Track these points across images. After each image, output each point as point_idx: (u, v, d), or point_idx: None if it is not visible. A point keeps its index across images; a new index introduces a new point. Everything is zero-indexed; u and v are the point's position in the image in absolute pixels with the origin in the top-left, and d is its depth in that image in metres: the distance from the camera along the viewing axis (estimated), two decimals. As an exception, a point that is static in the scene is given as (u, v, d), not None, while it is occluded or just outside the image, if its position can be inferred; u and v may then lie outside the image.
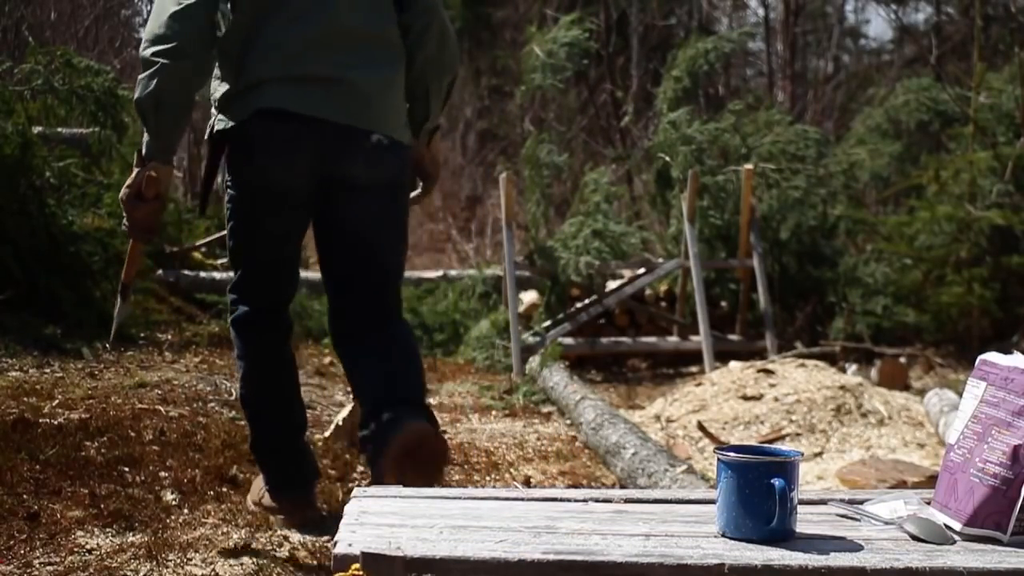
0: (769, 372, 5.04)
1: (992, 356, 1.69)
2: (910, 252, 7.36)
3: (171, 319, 6.14)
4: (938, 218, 7.14)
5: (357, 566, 1.44)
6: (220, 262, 6.93)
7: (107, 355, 5.08)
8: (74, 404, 4.01)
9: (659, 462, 3.60)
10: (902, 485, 3.62)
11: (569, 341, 6.45)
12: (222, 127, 2.78)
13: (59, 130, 6.14)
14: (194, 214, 7.35)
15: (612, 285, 6.94)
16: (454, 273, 7.89)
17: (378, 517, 1.63)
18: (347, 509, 1.68)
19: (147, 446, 3.58)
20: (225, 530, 2.94)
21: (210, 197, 3.11)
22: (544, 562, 1.45)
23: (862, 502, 1.74)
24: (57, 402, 4.00)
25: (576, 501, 1.77)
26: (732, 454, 1.58)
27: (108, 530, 2.87)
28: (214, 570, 2.66)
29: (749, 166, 6.76)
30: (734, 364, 5.43)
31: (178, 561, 2.70)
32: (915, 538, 1.58)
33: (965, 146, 7.49)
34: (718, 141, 7.33)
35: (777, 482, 1.52)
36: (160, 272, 6.64)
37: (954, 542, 1.57)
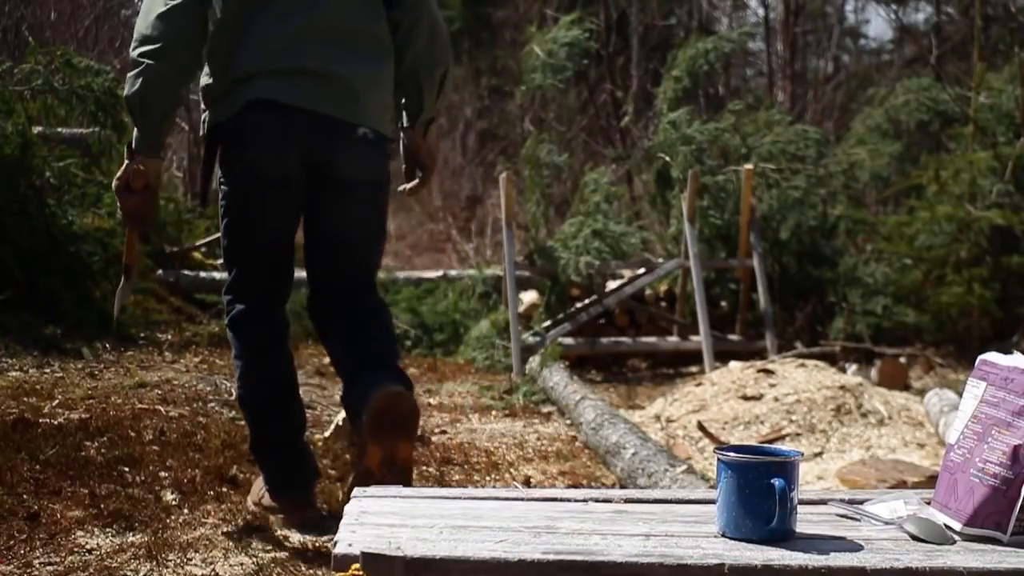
0: (769, 372, 5.04)
1: (992, 356, 1.69)
2: (910, 252, 7.36)
3: (171, 319, 6.14)
4: (938, 218, 7.13)
5: (357, 566, 1.44)
6: (220, 262, 6.92)
7: (107, 355, 5.09)
8: (74, 404, 4.01)
9: (659, 462, 3.60)
10: (902, 485, 3.62)
11: (569, 341, 6.45)
12: (214, 122, 2.84)
13: (59, 130, 6.14)
14: (194, 214, 7.36)
15: (612, 285, 6.94)
16: (454, 273, 7.89)
17: (378, 517, 1.63)
18: (347, 509, 1.68)
19: (147, 446, 3.59)
20: (225, 530, 2.94)
21: (210, 193, 3.18)
22: (544, 562, 1.45)
23: (862, 502, 1.74)
24: (57, 402, 4.00)
25: (576, 501, 1.77)
26: (732, 454, 1.58)
27: (108, 530, 2.88)
28: (214, 570, 2.66)
29: (749, 166, 6.76)
30: (734, 364, 5.43)
31: (178, 561, 2.70)
32: (915, 538, 1.58)
33: (965, 146, 7.48)
34: (718, 141, 7.32)
35: (777, 482, 1.52)
36: (160, 272, 6.65)
37: (954, 542, 1.57)
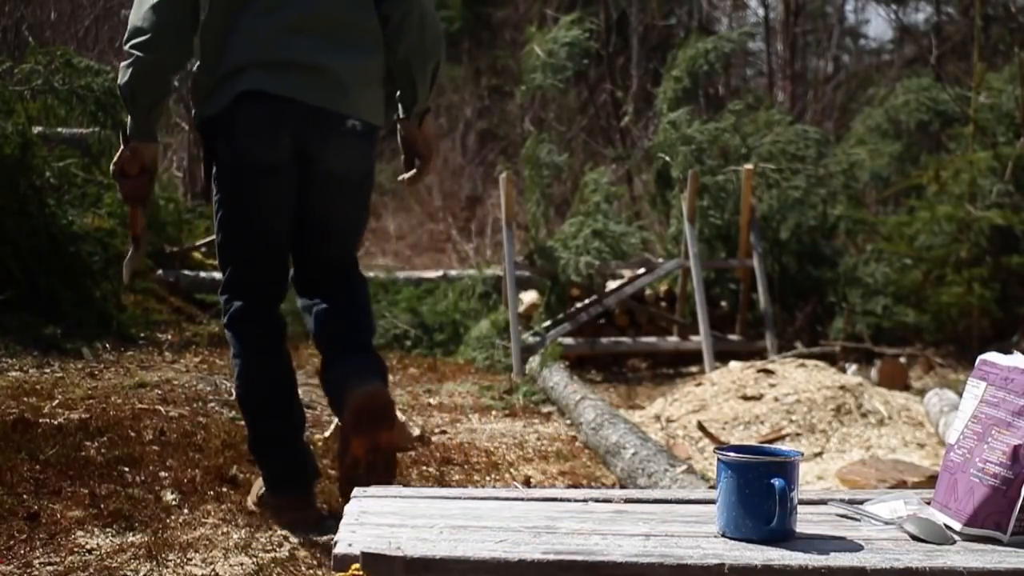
0: (769, 372, 5.04)
1: (992, 356, 1.69)
2: (910, 252, 7.35)
3: (171, 319, 6.15)
4: (938, 218, 7.13)
5: (357, 566, 1.44)
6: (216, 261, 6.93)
7: (107, 355, 5.09)
8: (74, 404, 4.01)
9: (659, 462, 3.60)
10: (902, 485, 3.62)
11: (569, 341, 6.45)
12: (206, 116, 2.89)
13: (59, 130, 6.14)
14: (194, 214, 7.37)
15: (612, 285, 6.94)
16: (454, 273, 7.89)
17: (378, 517, 1.63)
18: (347, 509, 1.68)
19: (147, 446, 3.59)
20: (225, 530, 2.94)
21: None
22: (544, 562, 1.45)
23: (862, 502, 1.74)
24: (57, 402, 4.00)
25: (576, 501, 1.77)
26: (732, 454, 1.58)
27: (108, 530, 2.88)
28: (214, 570, 2.66)
29: (749, 166, 6.76)
30: (734, 364, 5.43)
31: (178, 561, 2.70)
32: (915, 538, 1.58)
33: (965, 146, 7.48)
34: (718, 141, 7.32)
35: (777, 482, 1.52)
36: (160, 272, 6.65)
37: (954, 542, 1.57)
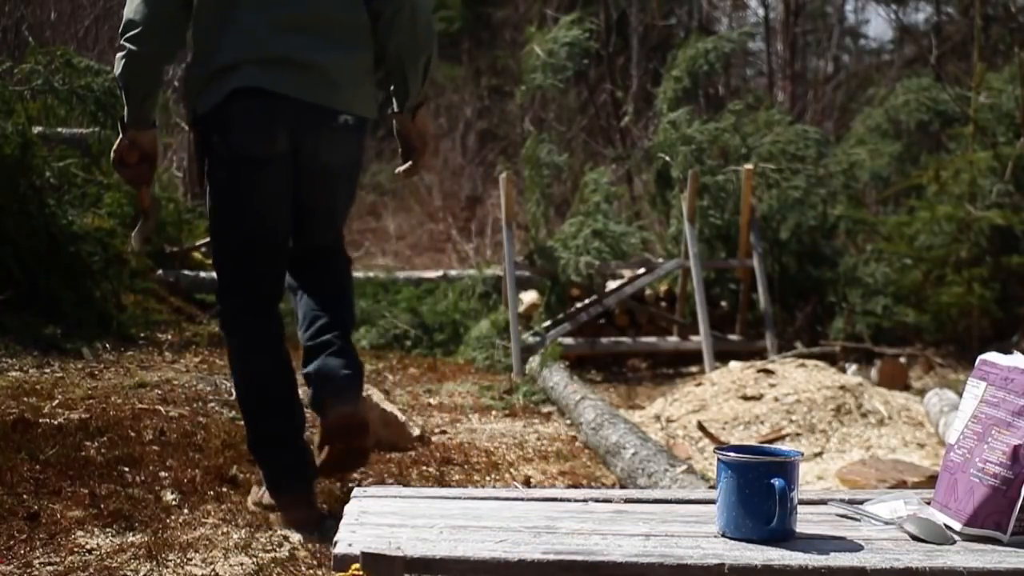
0: (769, 372, 5.04)
1: (992, 356, 1.69)
2: (910, 252, 7.35)
3: (171, 319, 6.14)
4: (938, 218, 7.13)
5: (357, 566, 1.44)
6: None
7: (107, 355, 5.09)
8: (74, 404, 4.01)
9: (659, 462, 3.60)
10: (902, 485, 3.62)
11: (569, 341, 6.45)
12: (201, 112, 2.92)
13: (59, 130, 6.13)
14: (194, 214, 7.36)
15: (612, 285, 6.94)
16: (454, 273, 7.88)
17: (378, 517, 1.63)
18: (347, 509, 1.68)
19: (147, 446, 3.58)
20: (225, 530, 2.94)
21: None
22: (544, 562, 1.45)
23: (862, 502, 1.74)
24: (57, 402, 4.00)
25: (576, 501, 1.77)
26: (732, 454, 1.58)
27: (108, 530, 2.88)
28: (214, 570, 2.66)
29: (749, 166, 6.76)
30: (734, 364, 5.43)
31: (178, 561, 2.70)
32: (915, 538, 1.58)
33: (965, 146, 7.48)
34: (718, 141, 7.32)
35: (777, 482, 1.52)
36: (160, 272, 6.65)
37: (954, 542, 1.57)
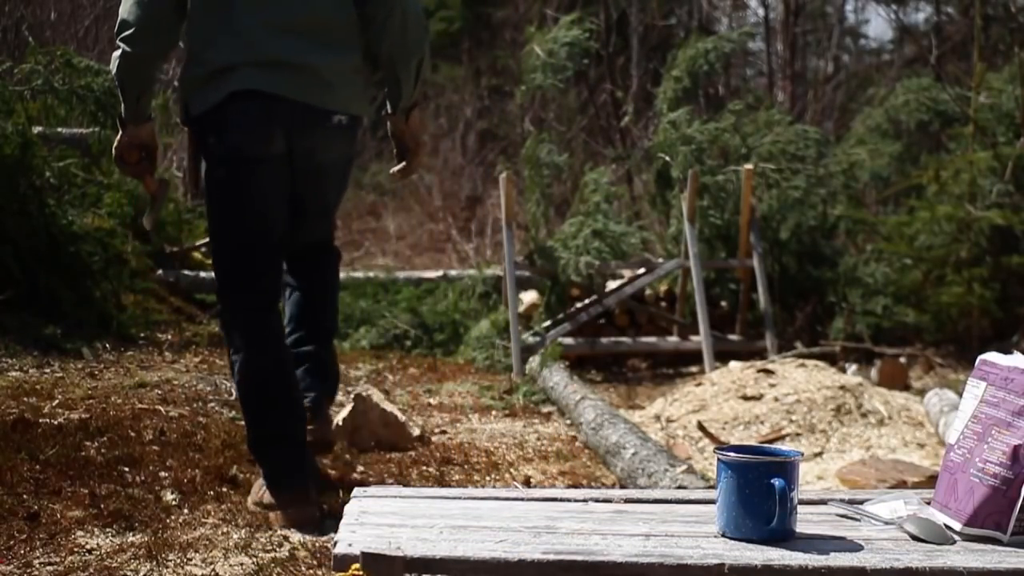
0: (769, 372, 5.04)
1: (992, 356, 1.69)
2: (910, 252, 7.35)
3: (171, 319, 6.14)
4: (938, 218, 7.13)
5: (357, 566, 1.44)
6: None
7: (107, 355, 5.09)
8: (74, 404, 4.01)
9: (659, 462, 3.59)
10: (902, 485, 3.62)
11: (569, 341, 6.45)
12: (198, 113, 2.98)
13: (59, 130, 6.14)
14: (194, 214, 7.35)
15: (612, 285, 6.94)
16: (454, 273, 7.88)
17: (378, 517, 1.63)
18: (347, 509, 1.68)
19: (147, 446, 3.58)
20: (225, 530, 2.94)
21: (200, 183, 3.28)
22: (544, 562, 1.45)
23: (862, 502, 1.74)
24: (57, 402, 4.00)
25: (576, 501, 1.77)
26: (732, 454, 1.58)
27: (108, 530, 2.88)
28: (214, 570, 2.66)
29: (749, 166, 6.76)
30: (734, 364, 5.43)
31: (178, 561, 2.70)
32: (915, 538, 1.58)
33: (965, 146, 7.48)
34: (718, 141, 7.31)
35: (777, 482, 1.52)
36: (160, 272, 6.65)
37: (954, 542, 1.57)
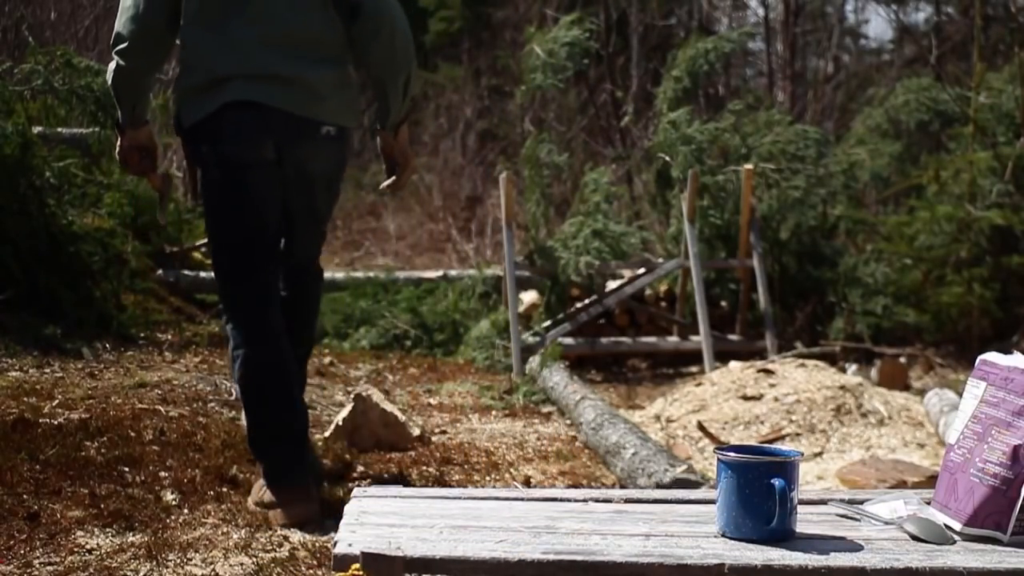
0: (769, 372, 5.04)
1: (992, 356, 1.69)
2: (910, 252, 7.35)
3: (171, 319, 6.14)
4: (938, 218, 7.13)
5: (357, 566, 1.44)
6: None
7: (107, 355, 5.09)
8: (74, 404, 4.01)
9: (659, 462, 3.60)
10: (902, 485, 3.62)
11: (569, 341, 6.45)
12: (192, 121, 3.06)
13: (59, 130, 6.14)
14: (194, 214, 7.35)
15: (612, 285, 6.94)
16: (454, 273, 7.88)
17: (378, 517, 1.63)
18: (347, 509, 1.68)
19: (147, 446, 3.58)
20: (225, 530, 2.94)
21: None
22: (544, 562, 1.45)
23: (862, 502, 1.74)
24: (57, 402, 4.00)
25: (576, 501, 1.77)
26: (732, 454, 1.58)
27: (108, 530, 2.88)
28: (214, 570, 2.66)
29: (749, 166, 6.76)
30: (734, 364, 5.43)
31: (178, 561, 2.70)
32: (915, 538, 1.58)
33: (965, 146, 7.48)
34: (718, 141, 7.31)
35: (777, 482, 1.52)
36: (160, 272, 6.64)
37: (954, 542, 1.57)
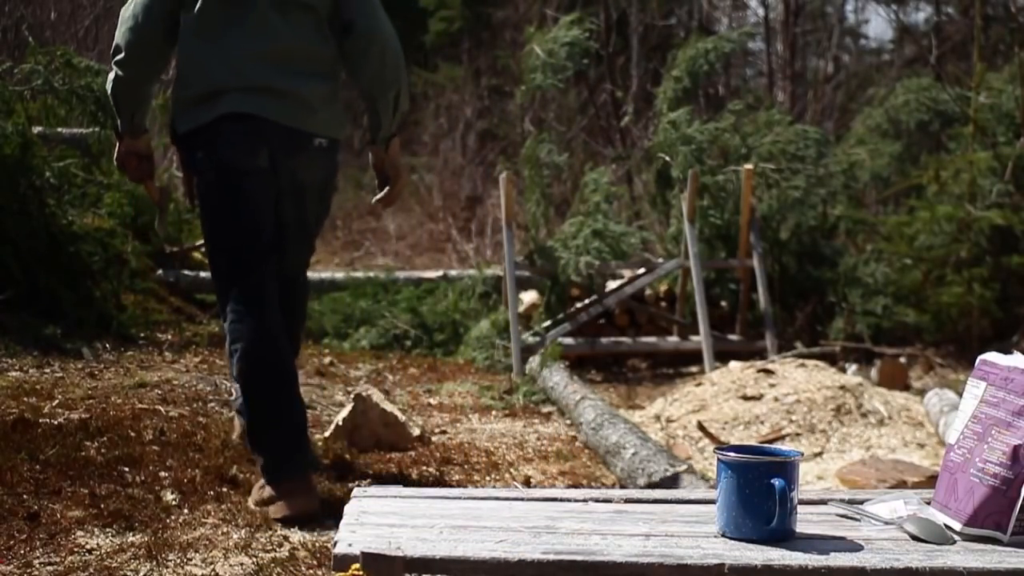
0: (769, 372, 5.04)
1: (992, 356, 1.69)
2: (910, 252, 7.35)
3: (171, 319, 6.14)
4: (938, 218, 7.13)
5: (357, 566, 1.44)
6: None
7: (107, 355, 5.09)
8: (74, 404, 4.01)
9: (659, 462, 3.60)
10: (902, 485, 3.62)
11: (569, 341, 6.45)
12: (187, 130, 3.13)
13: (59, 130, 6.14)
14: (194, 214, 7.35)
15: (612, 285, 6.94)
16: (454, 273, 7.88)
17: (378, 517, 1.63)
18: (347, 509, 1.68)
19: (147, 446, 3.58)
20: (225, 530, 2.94)
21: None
22: (544, 562, 1.45)
23: (862, 502, 1.74)
24: (57, 402, 4.00)
25: (576, 501, 1.77)
26: (732, 454, 1.58)
27: (108, 530, 2.88)
28: (214, 570, 2.66)
29: (749, 166, 6.76)
30: (734, 364, 5.43)
31: (178, 561, 2.70)
32: (915, 538, 1.58)
33: (965, 146, 7.48)
34: (718, 141, 7.31)
35: (777, 482, 1.52)
36: (160, 272, 6.64)
37: (954, 542, 1.57)
